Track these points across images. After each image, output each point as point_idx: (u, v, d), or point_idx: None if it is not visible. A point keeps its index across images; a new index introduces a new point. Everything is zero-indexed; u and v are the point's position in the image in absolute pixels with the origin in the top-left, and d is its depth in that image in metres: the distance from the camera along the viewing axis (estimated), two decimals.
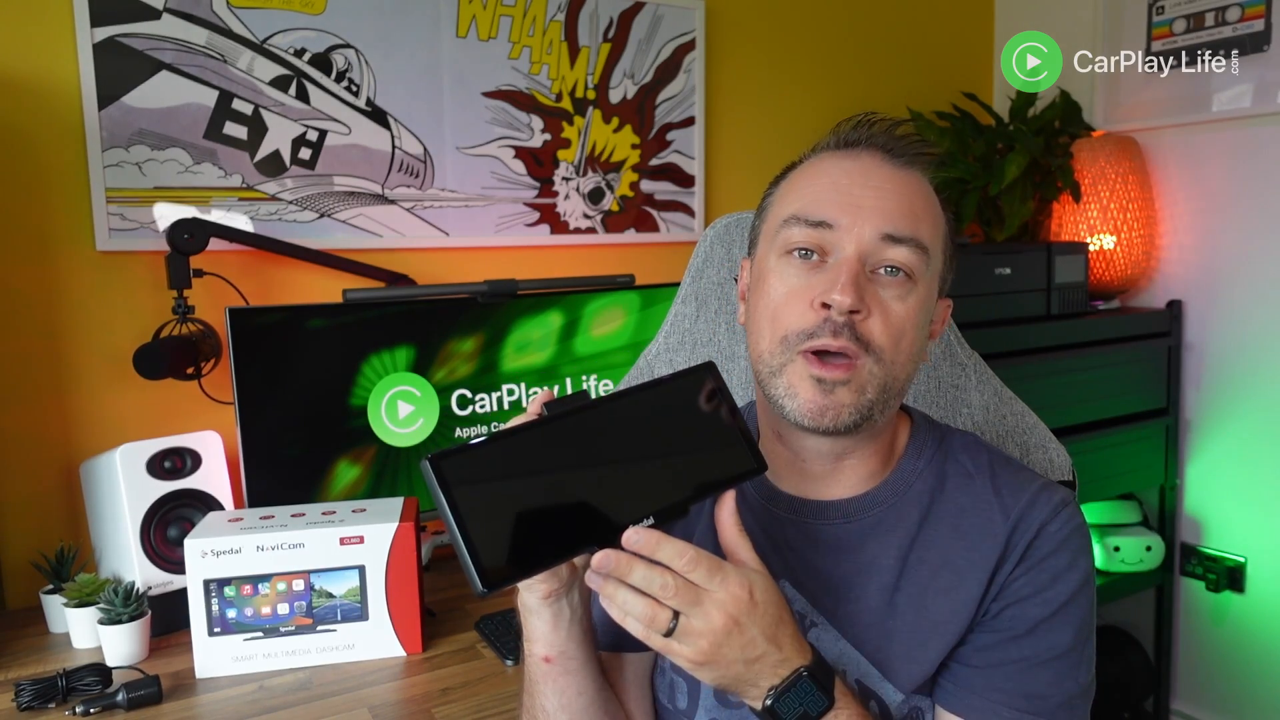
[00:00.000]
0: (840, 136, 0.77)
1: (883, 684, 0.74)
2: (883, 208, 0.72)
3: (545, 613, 0.70)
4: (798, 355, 0.71)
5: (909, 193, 0.74)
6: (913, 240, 0.72)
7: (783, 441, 0.79)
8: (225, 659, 1.18)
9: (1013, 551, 0.73)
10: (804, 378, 0.71)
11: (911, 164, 0.76)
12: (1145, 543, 2.09)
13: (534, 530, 0.60)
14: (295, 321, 1.38)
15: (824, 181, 0.75)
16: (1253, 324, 2.03)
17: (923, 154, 0.76)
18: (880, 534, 0.77)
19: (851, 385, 0.71)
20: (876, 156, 0.75)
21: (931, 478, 0.78)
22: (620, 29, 1.86)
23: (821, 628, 0.76)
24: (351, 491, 1.43)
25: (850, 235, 0.71)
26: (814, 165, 0.77)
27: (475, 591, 0.57)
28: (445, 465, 0.58)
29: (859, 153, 0.76)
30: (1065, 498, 0.75)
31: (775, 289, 0.74)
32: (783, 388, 0.72)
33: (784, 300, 0.73)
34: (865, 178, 0.74)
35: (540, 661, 0.73)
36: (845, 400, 0.71)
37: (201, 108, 1.49)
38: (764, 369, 0.74)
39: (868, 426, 0.73)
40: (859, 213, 0.72)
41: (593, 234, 1.88)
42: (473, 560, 0.57)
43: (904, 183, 0.74)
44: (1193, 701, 2.20)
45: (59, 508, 1.45)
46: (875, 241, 0.71)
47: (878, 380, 0.71)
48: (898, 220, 0.72)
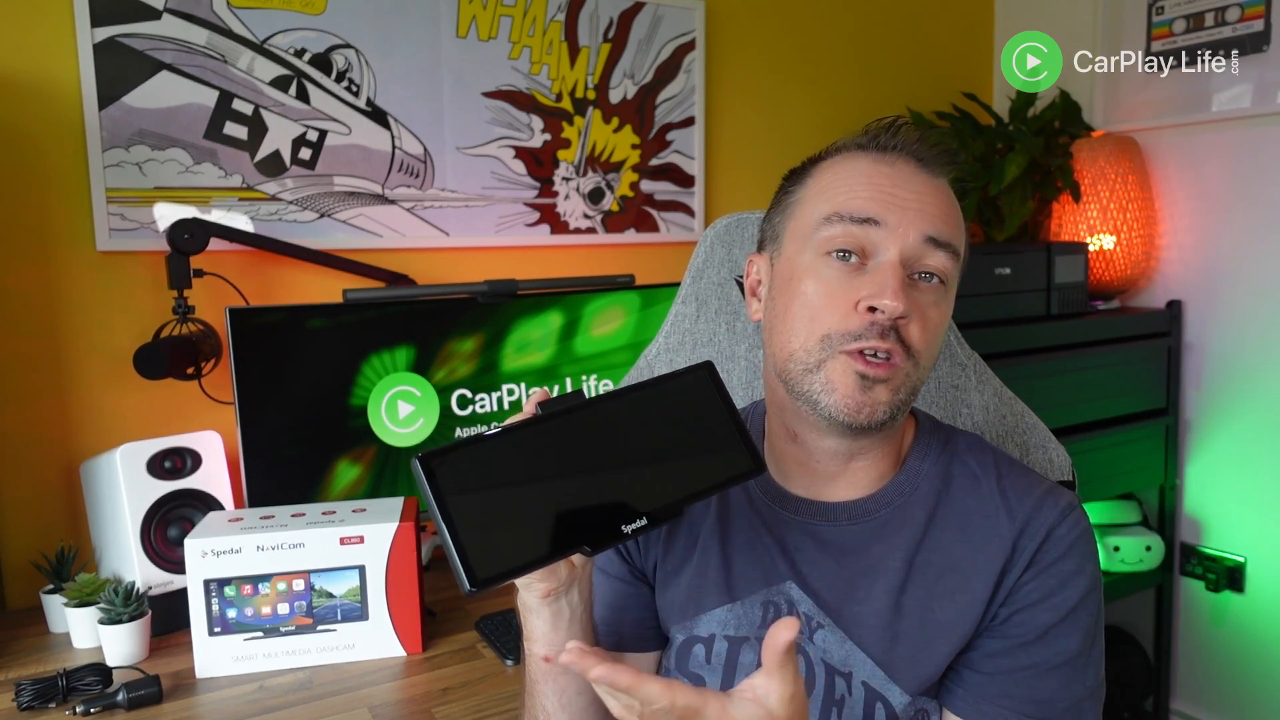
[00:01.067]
0: (874, 138, 0.77)
1: (889, 686, 0.74)
2: (925, 211, 0.73)
3: (545, 612, 0.70)
4: (839, 353, 0.71)
5: (945, 199, 0.75)
6: (950, 246, 0.73)
7: (797, 441, 0.79)
8: (225, 659, 1.18)
9: (1020, 555, 0.73)
10: (847, 373, 0.71)
11: (942, 174, 0.76)
12: (1145, 543, 2.09)
13: (524, 530, 0.60)
14: (295, 321, 1.38)
15: (863, 180, 0.74)
16: (1253, 324, 2.03)
17: (952, 164, 0.77)
18: (886, 535, 0.77)
19: (890, 384, 0.71)
20: (911, 164, 0.75)
21: (937, 479, 0.79)
22: (620, 29, 1.86)
23: (828, 629, 0.76)
24: (351, 491, 1.43)
25: (896, 235, 0.72)
26: (846, 163, 0.77)
27: (463, 590, 0.57)
28: (435, 464, 0.58)
29: (893, 158, 0.75)
30: (1072, 501, 0.76)
31: (812, 289, 0.73)
32: (820, 383, 0.72)
33: (824, 301, 0.72)
34: (904, 181, 0.74)
35: (540, 661, 0.73)
36: (882, 398, 0.71)
37: (201, 108, 1.49)
38: (796, 366, 0.74)
39: (891, 427, 0.74)
40: (905, 213, 0.72)
41: (593, 234, 1.88)
42: (460, 559, 0.57)
43: (939, 190, 0.75)
44: (1193, 701, 2.20)
45: (59, 508, 1.45)
46: (919, 244, 0.72)
47: (911, 382, 0.73)
48: (939, 224, 0.73)
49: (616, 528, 0.61)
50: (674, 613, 0.82)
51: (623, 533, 0.61)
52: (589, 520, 0.61)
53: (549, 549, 0.60)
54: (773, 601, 0.78)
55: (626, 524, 0.61)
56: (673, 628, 0.83)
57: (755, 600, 0.78)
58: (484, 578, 0.57)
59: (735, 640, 0.78)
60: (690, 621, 0.81)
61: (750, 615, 0.78)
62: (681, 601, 0.82)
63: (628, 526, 0.61)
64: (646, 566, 0.85)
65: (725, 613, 0.79)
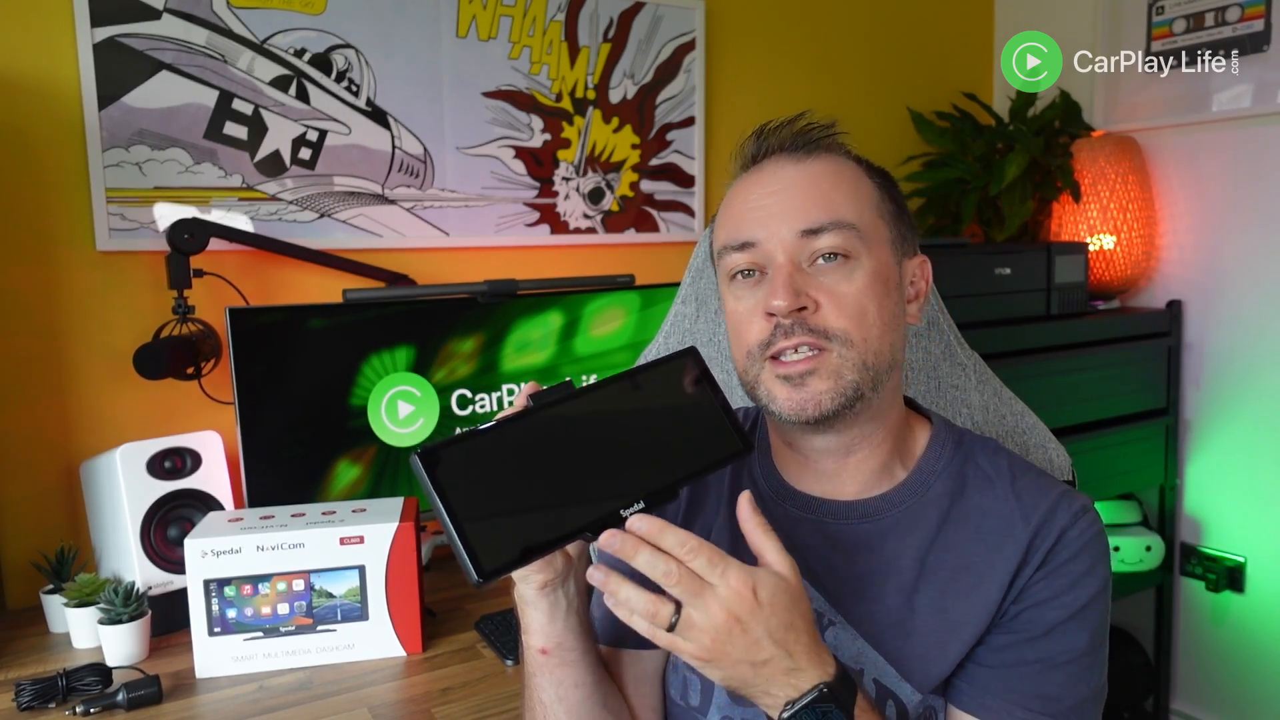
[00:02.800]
0: (745, 155, 0.80)
1: (900, 684, 0.74)
2: (791, 207, 0.74)
3: (542, 604, 0.71)
4: (765, 363, 0.74)
5: (816, 181, 0.75)
6: (832, 224, 0.73)
7: (792, 446, 0.81)
8: (225, 659, 1.18)
9: (1033, 556, 0.74)
10: (774, 380, 0.74)
11: (814, 152, 0.77)
12: (1145, 543, 2.09)
13: (526, 519, 0.61)
14: (295, 321, 1.38)
15: (739, 203, 0.78)
16: (1253, 324, 2.03)
17: (825, 137, 0.78)
18: (899, 534, 0.77)
19: (821, 373, 0.72)
20: (780, 159, 0.77)
21: (951, 480, 0.79)
22: (620, 29, 1.86)
23: (839, 626, 0.76)
24: (351, 491, 1.43)
25: (772, 243, 0.74)
26: (732, 191, 0.80)
27: (471, 582, 0.58)
28: (435, 459, 0.59)
29: (764, 163, 0.78)
30: (1086, 504, 0.76)
31: (732, 311, 0.78)
32: (764, 396, 0.75)
33: (741, 319, 0.76)
34: (771, 184, 0.76)
35: (537, 654, 0.73)
36: (820, 388, 0.72)
37: (201, 108, 1.49)
38: (746, 385, 0.78)
39: (863, 408, 0.74)
40: (771, 221, 0.74)
41: (593, 234, 1.88)
42: (467, 551, 0.58)
43: (810, 174, 0.76)
44: (1193, 701, 2.20)
45: (59, 508, 1.44)
46: (796, 240, 0.73)
47: (852, 362, 0.72)
48: (810, 212, 0.74)
49: (615, 512, 0.62)
50: None
51: (621, 517, 0.62)
52: (588, 507, 0.62)
53: (551, 537, 0.61)
54: None
55: (625, 508, 0.63)
56: None
57: None
58: (491, 569, 0.58)
59: None
60: None
61: None
62: None
63: (626, 511, 0.63)
64: None
65: None
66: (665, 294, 1.66)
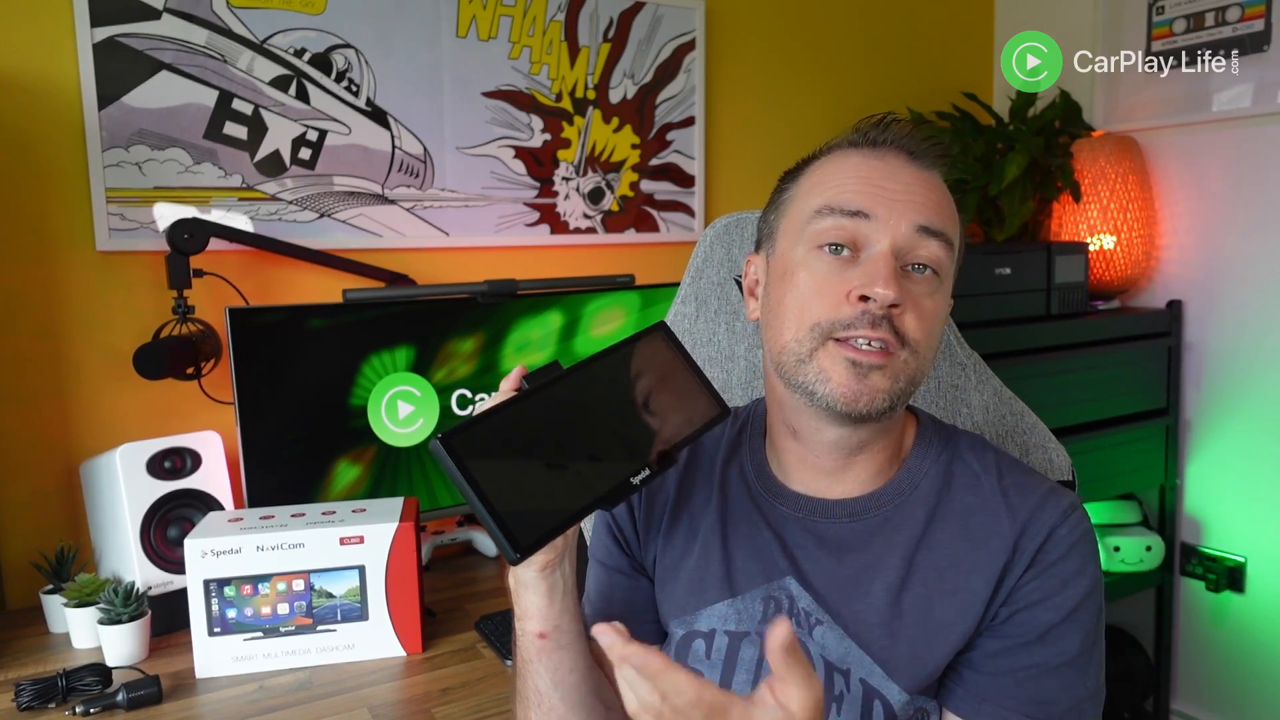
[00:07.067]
0: (864, 134, 0.78)
1: (887, 684, 0.74)
2: (915, 201, 0.73)
3: (541, 585, 0.71)
4: (829, 341, 0.72)
5: (935, 188, 0.76)
6: (944, 235, 0.73)
7: (797, 437, 0.79)
8: (225, 659, 1.18)
9: (1021, 555, 0.73)
10: (838, 361, 0.71)
11: (933, 166, 0.77)
12: (1145, 543, 2.09)
13: (548, 493, 0.63)
14: (295, 321, 1.38)
15: (853, 174, 0.75)
16: (1253, 324, 2.03)
17: (944, 156, 0.78)
18: (886, 533, 0.77)
19: (886, 371, 0.71)
20: (901, 157, 0.76)
21: (938, 477, 0.79)
22: (620, 29, 1.86)
23: (827, 625, 0.76)
24: (351, 491, 1.43)
25: (886, 227, 0.72)
26: (838, 159, 0.78)
27: (509, 560, 0.60)
28: (456, 442, 0.60)
29: (883, 152, 0.76)
30: (1074, 501, 0.75)
31: (804, 281, 0.74)
32: (813, 373, 0.72)
33: (814, 292, 0.73)
34: (894, 174, 0.74)
35: (534, 639, 0.73)
36: (880, 385, 0.71)
37: (201, 108, 1.49)
38: (789, 358, 0.74)
39: (891, 416, 0.75)
40: (894, 205, 0.73)
41: (593, 234, 1.88)
42: (502, 530, 0.59)
43: (929, 182, 0.76)
44: (1193, 701, 2.19)
45: (59, 508, 1.44)
46: (910, 234, 0.72)
47: (909, 371, 0.73)
48: (930, 213, 0.73)
49: (626, 480, 0.65)
50: (674, 607, 0.82)
51: (632, 484, 0.65)
52: (600, 478, 0.64)
53: (574, 509, 0.63)
54: (773, 597, 0.78)
55: (633, 476, 0.65)
56: (672, 622, 0.83)
57: (756, 595, 0.78)
58: (527, 544, 0.60)
59: (736, 635, 0.78)
60: (690, 616, 0.81)
61: (751, 610, 0.78)
62: (682, 596, 0.82)
63: (635, 478, 0.65)
64: (646, 560, 0.86)
65: (726, 607, 0.79)
66: (665, 294, 1.66)
